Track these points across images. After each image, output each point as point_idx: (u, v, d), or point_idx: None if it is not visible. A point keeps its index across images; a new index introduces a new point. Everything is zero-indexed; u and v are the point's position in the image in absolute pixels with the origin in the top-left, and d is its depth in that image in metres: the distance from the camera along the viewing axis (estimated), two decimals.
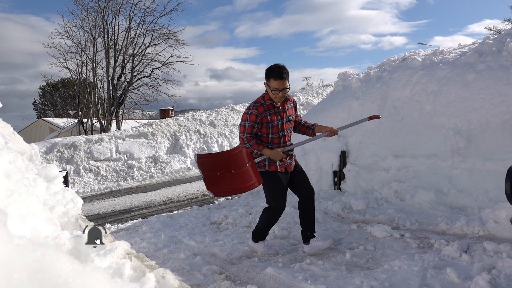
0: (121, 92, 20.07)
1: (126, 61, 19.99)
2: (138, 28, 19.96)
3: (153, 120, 15.93)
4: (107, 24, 19.79)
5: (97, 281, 1.06)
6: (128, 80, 20.11)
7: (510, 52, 4.85)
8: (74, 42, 19.70)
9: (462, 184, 4.48)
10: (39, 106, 39.56)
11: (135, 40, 19.97)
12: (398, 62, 6.28)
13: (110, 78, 19.72)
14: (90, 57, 19.91)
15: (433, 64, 5.59)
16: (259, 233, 3.73)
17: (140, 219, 6.06)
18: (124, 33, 19.86)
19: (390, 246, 3.62)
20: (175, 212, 6.26)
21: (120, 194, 9.44)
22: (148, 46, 20.07)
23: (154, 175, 11.63)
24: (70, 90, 25.77)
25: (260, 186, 3.57)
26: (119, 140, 12.36)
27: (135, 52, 20.03)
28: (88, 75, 20.41)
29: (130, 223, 5.82)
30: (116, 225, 5.90)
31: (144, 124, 14.03)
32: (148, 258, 1.89)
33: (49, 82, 25.00)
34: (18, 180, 1.98)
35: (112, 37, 19.87)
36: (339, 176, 5.81)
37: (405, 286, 2.79)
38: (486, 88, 4.71)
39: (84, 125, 20.07)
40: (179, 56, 20.00)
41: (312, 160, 6.10)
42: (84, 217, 2.79)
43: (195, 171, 12.03)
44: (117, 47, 19.82)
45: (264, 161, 3.49)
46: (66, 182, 3.53)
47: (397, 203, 4.81)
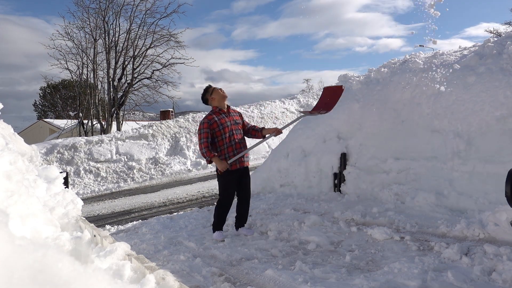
0: (121, 94, 20.09)
1: (126, 62, 20.03)
2: (138, 30, 20.02)
3: (153, 122, 15.94)
4: (108, 25, 19.84)
5: (97, 282, 1.06)
6: (128, 81, 20.14)
7: (510, 55, 4.85)
8: (75, 44, 19.75)
9: (462, 186, 4.48)
10: (40, 107, 39.61)
11: (136, 41, 20.02)
12: (399, 64, 6.29)
13: (110, 80, 19.75)
14: (90, 58, 19.95)
15: (433, 67, 5.60)
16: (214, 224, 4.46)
17: (140, 220, 6.06)
18: (125, 34, 19.92)
19: (390, 249, 3.61)
20: (175, 213, 6.25)
21: (120, 196, 9.44)
22: (149, 47, 20.11)
23: (154, 176, 11.63)
24: (70, 91, 25.80)
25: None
26: (119, 142, 12.37)
27: (135, 53, 20.07)
28: (88, 76, 20.46)
29: (130, 225, 5.81)
30: (116, 226, 5.90)
31: (145, 125, 14.04)
32: (148, 259, 1.89)
33: (49, 83, 25.02)
34: (19, 181, 1.98)
35: (113, 38, 19.91)
36: (339, 178, 5.81)
37: None
38: (487, 91, 4.71)
39: (85, 126, 20.08)
40: (179, 58, 20.05)
41: (313, 162, 6.10)
42: (84, 218, 2.79)
43: (195, 173, 12.03)
44: (117, 49, 19.87)
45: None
46: (66, 183, 3.53)
47: (397, 205, 4.81)
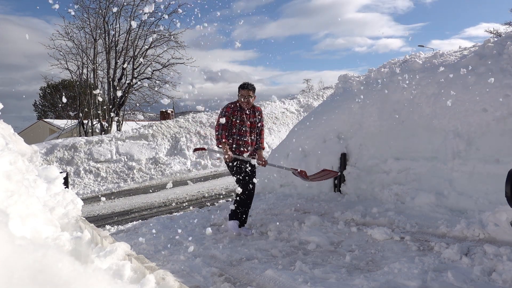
0: (121, 94, 20.08)
1: (126, 62, 20.02)
2: (139, 30, 20.02)
3: (153, 122, 15.94)
4: (108, 25, 19.84)
5: (98, 282, 1.06)
6: (128, 81, 20.13)
7: (510, 55, 4.85)
8: (75, 44, 19.74)
9: (462, 187, 4.48)
10: (40, 107, 39.61)
11: (136, 41, 20.02)
12: (399, 64, 6.29)
13: (110, 80, 19.75)
14: (90, 58, 19.94)
15: (433, 67, 5.60)
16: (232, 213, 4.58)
17: (140, 220, 6.06)
18: (125, 34, 19.92)
19: (390, 249, 3.61)
20: (175, 213, 6.25)
21: (120, 196, 9.44)
22: (149, 48, 20.12)
23: (154, 176, 11.63)
24: (70, 92, 25.79)
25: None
26: (119, 142, 12.37)
27: (135, 53, 20.07)
28: (88, 76, 20.45)
29: (130, 225, 5.81)
30: (116, 226, 5.90)
31: (145, 125, 14.03)
32: (148, 259, 1.89)
33: (49, 83, 25.03)
34: (19, 181, 1.98)
35: (113, 38, 19.91)
36: (339, 179, 5.81)
37: None
38: (486, 91, 4.71)
39: (85, 126, 20.08)
40: (179, 58, 20.05)
41: (313, 162, 6.10)
42: (84, 218, 2.79)
43: (195, 173, 12.03)
44: (117, 49, 19.86)
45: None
46: (66, 183, 3.52)
47: (397, 205, 4.81)
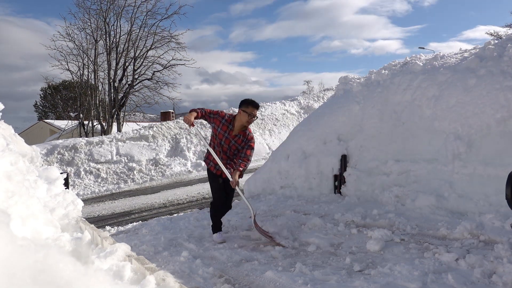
0: (122, 95, 20.11)
1: (127, 63, 20.05)
2: (139, 31, 20.06)
3: (154, 123, 15.95)
4: (109, 26, 19.88)
5: (98, 282, 1.07)
6: (129, 82, 20.16)
7: (511, 57, 4.86)
8: (76, 45, 19.79)
9: (462, 189, 4.48)
10: (40, 108, 39.66)
11: (137, 42, 20.05)
12: (399, 66, 6.29)
13: (111, 81, 19.77)
14: (91, 59, 19.98)
15: (434, 69, 5.60)
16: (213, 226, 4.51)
17: (140, 221, 6.06)
18: (126, 35, 19.95)
19: (391, 251, 3.61)
20: (175, 215, 6.25)
21: (120, 197, 9.44)
22: (150, 48, 20.14)
23: (154, 177, 11.64)
24: (71, 92, 25.84)
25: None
26: (119, 143, 12.38)
27: (136, 54, 20.10)
28: (89, 77, 20.48)
29: (130, 226, 5.81)
30: (116, 227, 5.90)
31: (145, 126, 14.04)
32: (148, 260, 1.89)
33: (50, 84, 25.06)
34: (19, 181, 1.99)
35: (114, 39, 19.94)
36: (339, 180, 5.81)
37: None
38: (487, 93, 4.71)
39: (85, 127, 20.10)
40: (180, 59, 20.08)
41: (313, 164, 6.10)
42: (84, 219, 2.80)
43: (195, 174, 12.04)
44: (118, 50, 19.89)
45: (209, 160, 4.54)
46: (66, 184, 3.53)
47: (397, 207, 4.80)
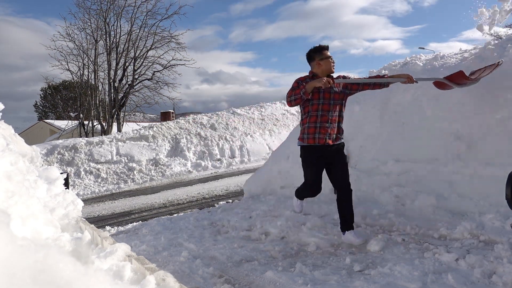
0: (122, 95, 20.12)
1: (127, 63, 20.06)
2: (140, 31, 20.07)
3: (154, 123, 15.96)
4: (109, 26, 19.89)
5: (98, 283, 1.07)
6: (129, 82, 20.17)
7: (511, 57, 4.85)
8: (76, 45, 19.81)
9: (463, 189, 4.47)
10: (40, 108, 39.67)
11: (137, 42, 20.06)
12: (399, 66, 6.29)
13: (111, 81, 19.78)
14: (91, 59, 20.00)
15: (434, 69, 5.60)
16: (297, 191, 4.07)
17: (140, 221, 6.06)
18: (126, 35, 19.95)
19: (391, 251, 3.61)
20: (175, 215, 6.25)
21: (121, 197, 9.44)
22: (150, 49, 20.15)
23: (154, 177, 11.64)
24: (71, 92, 25.85)
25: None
26: (119, 143, 12.38)
27: (136, 54, 20.11)
28: (89, 77, 20.50)
29: (130, 226, 5.81)
30: (116, 227, 5.90)
31: (145, 126, 14.05)
32: (148, 260, 1.89)
33: (50, 84, 25.08)
34: (19, 181, 1.99)
35: (114, 39, 19.95)
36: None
37: None
38: (487, 94, 4.71)
39: (85, 127, 20.11)
40: (180, 59, 20.09)
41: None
42: (84, 219, 2.80)
43: (195, 174, 12.04)
44: (118, 50, 19.91)
45: (302, 133, 3.66)
46: (66, 184, 3.53)
47: (397, 207, 4.80)
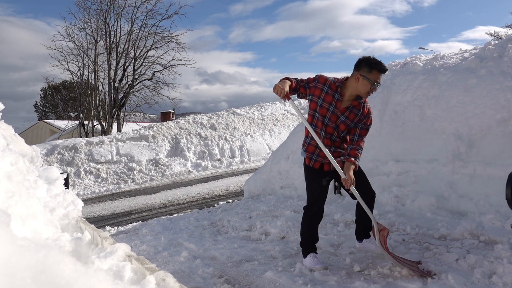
0: (122, 95, 20.12)
1: (127, 63, 20.06)
2: (140, 31, 20.07)
3: (154, 123, 15.96)
4: (109, 26, 19.89)
5: (98, 283, 1.07)
6: (129, 82, 20.17)
7: (511, 57, 4.86)
8: (76, 45, 19.81)
9: (463, 189, 4.48)
10: (40, 108, 39.68)
11: (137, 43, 20.06)
12: (399, 67, 6.29)
13: (111, 81, 19.78)
14: (91, 59, 20.00)
15: (434, 69, 5.60)
16: (302, 243, 3.39)
17: (140, 221, 6.06)
18: (126, 35, 19.96)
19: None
20: (175, 215, 6.26)
21: (121, 197, 9.44)
22: (150, 49, 20.15)
23: (154, 177, 11.64)
24: (71, 93, 25.86)
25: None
26: (119, 143, 12.38)
27: (136, 54, 20.11)
28: (89, 77, 20.50)
29: (130, 226, 5.81)
30: (116, 227, 5.90)
31: (145, 126, 14.05)
32: (148, 260, 1.89)
33: (50, 84, 25.09)
34: (19, 181, 1.99)
35: (114, 39, 19.95)
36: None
37: None
38: (487, 93, 4.72)
39: (85, 127, 20.11)
40: (180, 60, 20.10)
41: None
42: (84, 219, 2.80)
43: (195, 174, 12.04)
44: (118, 50, 19.91)
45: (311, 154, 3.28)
46: (66, 184, 3.53)
47: (397, 207, 4.80)
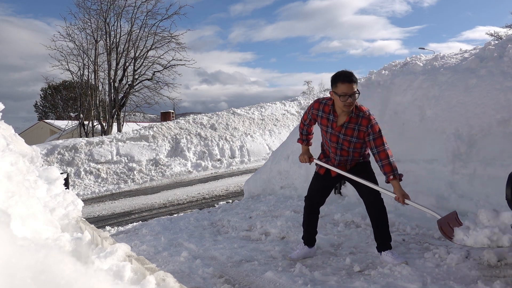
0: (122, 95, 20.13)
1: (127, 63, 20.06)
2: (140, 31, 20.07)
3: (154, 123, 15.96)
4: (109, 27, 19.89)
5: (98, 283, 1.07)
6: (129, 82, 20.18)
7: (511, 57, 4.86)
8: (76, 45, 19.81)
9: (463, 189, 4.47)
10: (40, 108, 39.69)
11: (137, 43, 20.06)
12: (400, 67, 6.29)
13: (111, 81, 19.78)
14: (91, 59, 20.00)
15: (434, 69, 5.60)
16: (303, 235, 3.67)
17: (140, 221, 6.06)
18: (126, 36, 19.96)
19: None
20: (175, 215, 6.26)
21: (121, 197, 9.44)
22: (150, 49, 20.16)
23: (154, 178, 11.64)
24: (71, 93, 25.86)
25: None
26: (120, 143, 12.38)
27: (136, 55, 20.11)
28: (89, 77, 20.50)
29: (130, 226, 5.81)
30: (116, 227, 5.90)
31: (145, 127, 14.04)
32: (148, 260, 1.89)
33: (50, 84, 25.09)
34: (19, 181, 1.99)
35: (114, 39, 19.96)
36: (339, 181, 5.80)
37: None
38: (488, 93, 4.71)
39: (85, 127, 20.10)
40: (180, 60, 20.10)
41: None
42: (84, 219, 2.80)
43: (195, 174, 12.04)
44: (119, 50, 19.91)
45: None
46: (66, 184, 3.53)
47: (397, 207, 4.80)
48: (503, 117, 4.50)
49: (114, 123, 19.89)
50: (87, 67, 20.23)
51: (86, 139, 12.53)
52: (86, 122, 20.32)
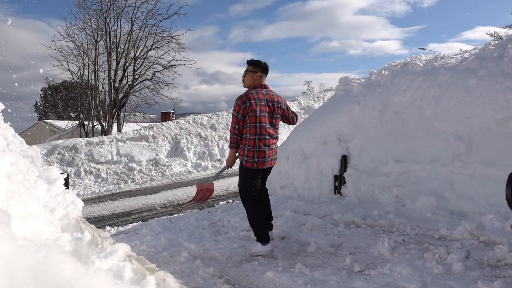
0: (122, 95, 20.13)
1: (127, 64, 20.07)
2: (140, 31, 20.08)
3: (154, 123, 15.95)
4: (109, 27, 19.89)
5: (98, 283, 1.07)
6: (129, 83, 20.18)
7: (511, 58, 4.85)
8: (76, 45, 19.81)
9: (463, 189, 4.48)
10: (41, 108, 39.69)
11: (137, 43, 20.06)
12: (400, 67, 6.29)
13: (111, 81, 19.78)
14: (92, 59, 20.00)
15: (434, 69, 5.60)
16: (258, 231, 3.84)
17: (140, 222, 6.06)
18: (126, 36, 19.96)
19: (391, 251, 3.61)
20: (175, 215, 6.26)
21: (121, 197, 9.44)
22: (150, 49, 20.16)
23: (154, 178, 11.64)
24: (71, 93, 25.86)
25: None
26: (120, 143, 12.38)
27: (137, 55, 20.12)
28: (89, 77, 20.50)
29: (130, 226, 5.81)
30: (116, 227, 5.90)
31: (145, 127, 14.04)
32: (148, 260, 1.89)
33: (50, 84, 25.10)
34: (20, 181, 1.99)
35: (114, 40, 19.96)
36: (339, 181, 5.81)
37: None
38: (487, 94, 4.71)
39: (85, 127, 20.11)
40: (180, 60, 20.10)
41: (313, 164, 6.10)
42: (84, 219, 2.80)
43: (195, 175, 12.04)
44: (119, 50, 19.91)
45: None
46: (66, 184, 3.53)
47: (397, 208, 4.80)
48: (503, 117, 4.50)
49: (114, 123, 19.89)
50: (87, 67, 20.24)
51: (86, 139, 12.52)
52: (86, 122, 20.32)
